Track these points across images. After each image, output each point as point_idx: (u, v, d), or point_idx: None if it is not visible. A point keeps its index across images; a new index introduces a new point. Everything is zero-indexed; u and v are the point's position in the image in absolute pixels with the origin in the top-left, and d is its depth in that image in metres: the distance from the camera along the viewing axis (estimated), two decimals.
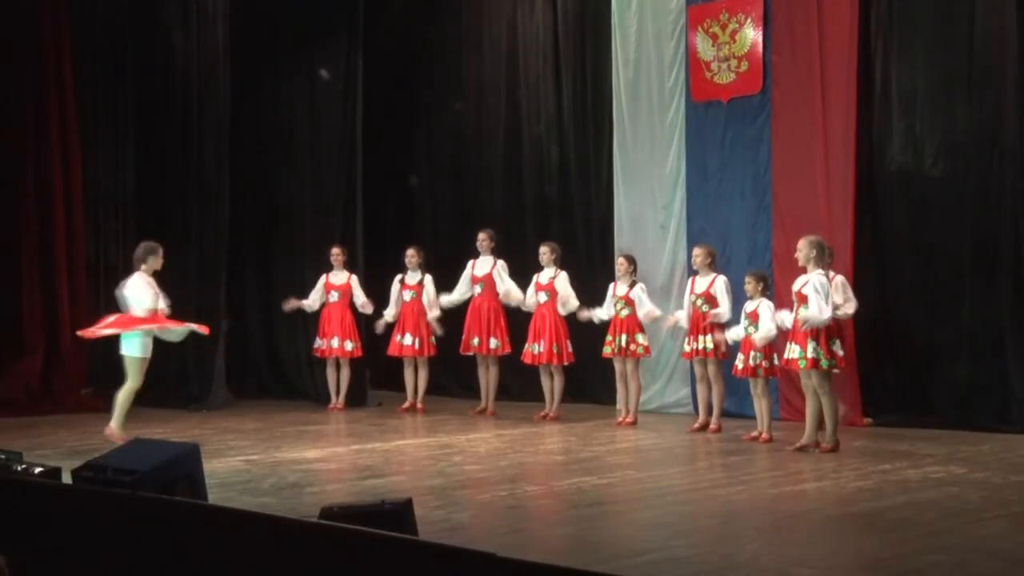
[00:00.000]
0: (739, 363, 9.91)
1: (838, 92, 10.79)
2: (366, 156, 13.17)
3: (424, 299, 12.06)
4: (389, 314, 12.21)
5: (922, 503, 7.12)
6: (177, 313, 10.04)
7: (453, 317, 12.11)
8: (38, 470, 5.85)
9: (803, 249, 9.19)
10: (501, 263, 11.77)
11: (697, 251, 10.76)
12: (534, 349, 11.33)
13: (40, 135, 12.35)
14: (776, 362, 9.83)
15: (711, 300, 10.40)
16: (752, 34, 11.43)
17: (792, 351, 9.16)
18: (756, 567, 5.73)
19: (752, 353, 9.78)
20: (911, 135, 10.66)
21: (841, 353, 9.30)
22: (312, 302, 12.51)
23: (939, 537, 6.25)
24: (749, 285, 9.90)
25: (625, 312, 10.92)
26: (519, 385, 12.57)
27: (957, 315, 10.38)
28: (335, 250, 12.47)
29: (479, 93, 13.80)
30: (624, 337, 10.88)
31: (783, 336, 9.68)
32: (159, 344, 9.86)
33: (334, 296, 12.40)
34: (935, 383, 10.51)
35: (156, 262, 9.82)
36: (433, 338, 12.10)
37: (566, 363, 11.36)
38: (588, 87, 12.80)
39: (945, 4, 10.50)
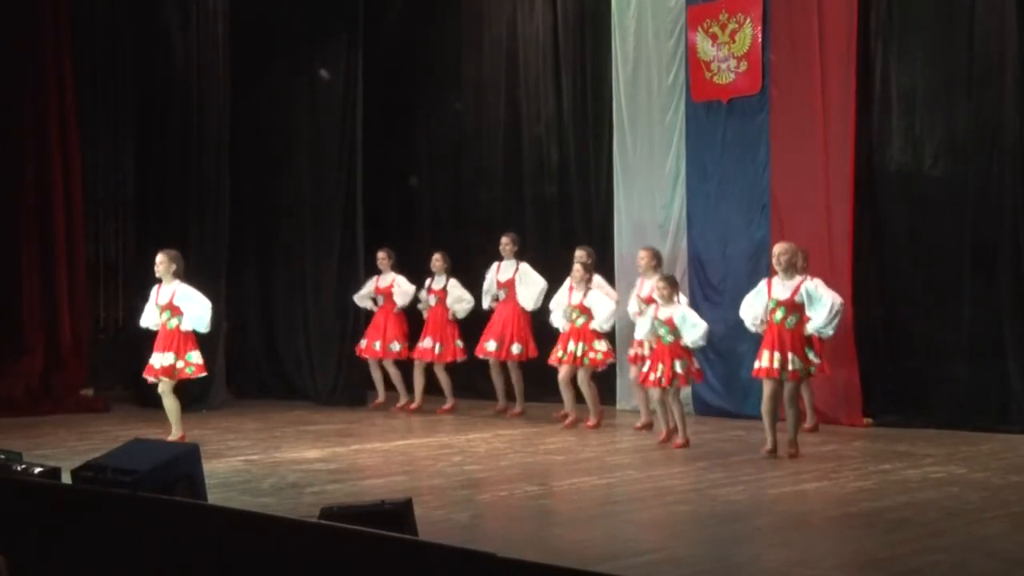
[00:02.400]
0: (658, 372, 9.43)
1: (838, 92, 10.79)
2: (366, 156, 13.16)
3: (448, 301, 11.96)
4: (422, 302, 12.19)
5: (922, 503, 7.12)
6: None
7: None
8: (38, 470, 5.85)
9: (786, 254, 8.92)
10: (524, 266, 11.61)
11: (642, 253, 10.51)
12: (560, 352, 10.94)
13: (40, 135, 12.35)
14: (696, 366, 9.68)
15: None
16: (752, 34, 11.42)
17: (793, 362, 8.76)
18: (756, 567, 5.73)
19: (676, 361, 9.39)
20: (911, 135, 10.65)
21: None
22: (360, 303, 12.47)
23: (939, 537, 6.25)
24: (665, 291, 9.53)
25: (581, 321, 10.71)
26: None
27: (957, 315, 10.37)
28: (381, 254, 12.34)
29: (479, 93, 13.79)
30: (581, 345, 10.68)
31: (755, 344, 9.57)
32: None
33: (380, 300, 12.34)
34: (935, 383, 10.50)
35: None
36: (459, 342, 12.00)
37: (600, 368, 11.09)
38: (588, 87, 12.79)
39: (945, 4, 10.49)
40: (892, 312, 10.83)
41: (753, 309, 9.07)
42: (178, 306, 9.73)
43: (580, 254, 10.94)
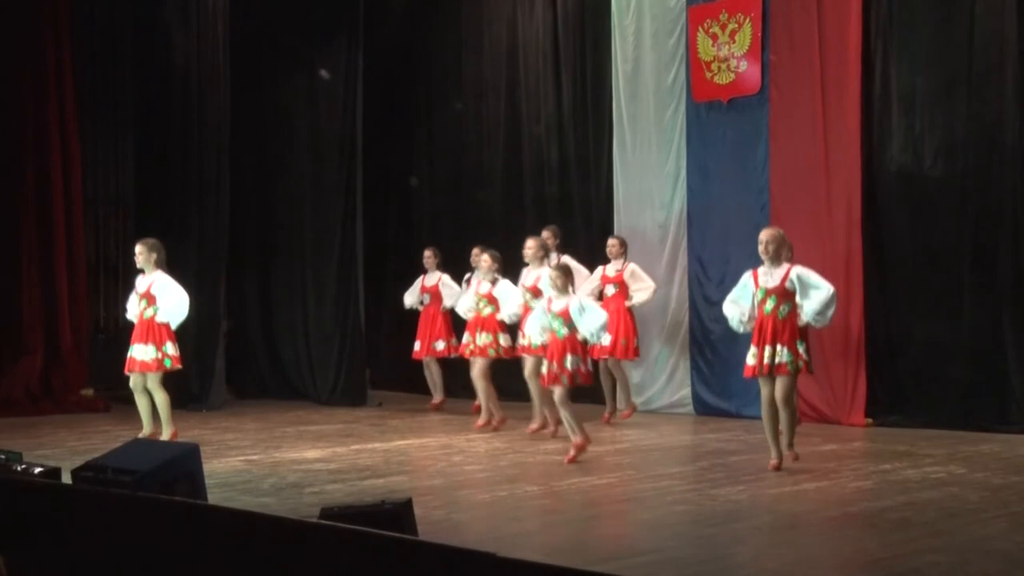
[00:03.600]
0: (554, 369, 8.69)
1: (838, 92, 10.79)
2: (366, 156, 13.17)
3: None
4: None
5: (922, 503, 7.12)
6: None
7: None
8: (38, 470, 5.85)
9: (773, 242, 8.26)
10: (566, 259, 11.19)
11: (529, 243, 10.00)
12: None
13: (40, 135, 12.36)
14: (590, 366, 8.87)
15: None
16: (751, 34, 11.43)
17: (781, 354, 8.05)
18: (756, 567, 5.73)
19: (569, 356, 8.65)
20: (911, 135, 10.65)
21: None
22: (409, 302, 12.33)
23: (939, 537, 6.25)
24: (559, 281, 8.75)
25: (487, 311, 10.61)
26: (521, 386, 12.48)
27: (957, 315, 10.37)
28: (427, 252, 12.22)
29: (479, 93, 13.80)
30: (487, 335, 10.61)
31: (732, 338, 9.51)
32: None
33: (426, 299, 12.23)
34: (935, 383, 10.50)
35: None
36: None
37: (632, 359, 11.08)
38: (588, 87, 12.80)
39: (945, 4, 10.48)
40: (892, 312, 10.82)
41: (738, 306, 8.36)
42: (155, 296, 9.51)
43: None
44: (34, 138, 12.35)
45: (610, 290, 11.08)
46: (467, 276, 11.93)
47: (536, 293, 9.89)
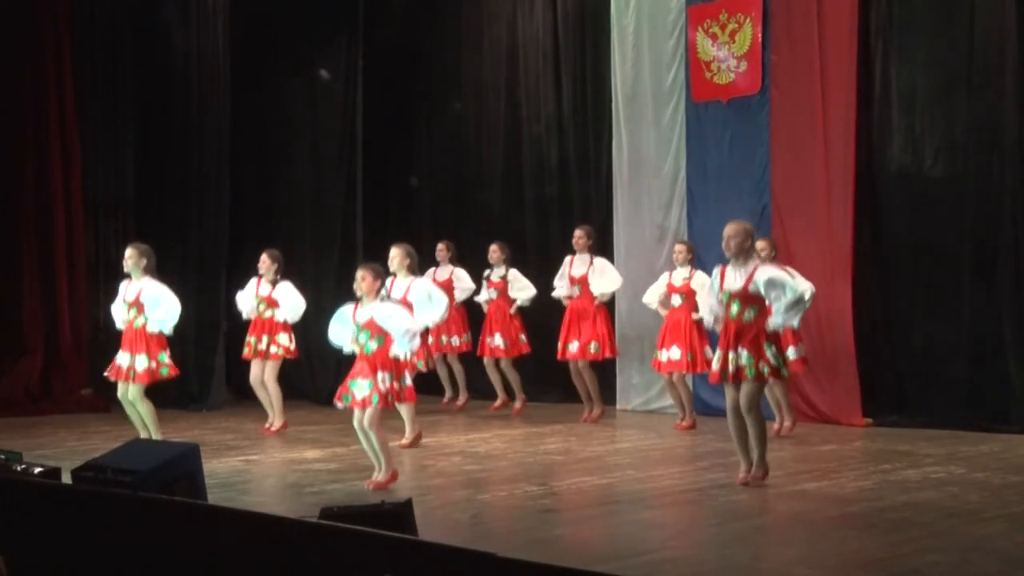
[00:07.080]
0: (363, 391, 7.55)
1: (838, 92, 10.79)
2: (366, 156, 13.16)
3: (512, 291, 11.59)
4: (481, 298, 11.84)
5: (922, 503, 7.12)
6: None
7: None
8: (38, 470, 5.85)
9: (736, 237, 7.48)
10: (599, 260, 11.16)
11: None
12: (663, 356, 10.55)
13: (40, 135, 12.36)
14: (407, 382, 7.75)
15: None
16: (752, 34, 11.43)
17: (741, 358, 7.43)
18: (756, 567, 5.73)
19: (381, 374, 7.53)
20: (911, 135, 10.65)
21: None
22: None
23: (939, 537, 6.25)
24: (363, 283, 7.54)
25: (268, 313, 10.50)
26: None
27: (957, 315, 10.37)
28: (440, 246, 11.98)
29: (479, 93, 13.81)
30: (265, 339, 10.49)
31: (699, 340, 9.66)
32: None
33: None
34: (935, 383, 10.50)
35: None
36: (523, 336, 11.62)
37: (699, 372, 10.54)
38: (588, 87, 12.80)
39: (945, 4, 10.49)
40: (892, 312, 10.82)
41: (710, 306, 7.84)
42: (144, 304, 9.21)
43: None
44: (34, 138, 12.35)
45: (676, 300, 10.52)
46: (486, 274, 11.87)
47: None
